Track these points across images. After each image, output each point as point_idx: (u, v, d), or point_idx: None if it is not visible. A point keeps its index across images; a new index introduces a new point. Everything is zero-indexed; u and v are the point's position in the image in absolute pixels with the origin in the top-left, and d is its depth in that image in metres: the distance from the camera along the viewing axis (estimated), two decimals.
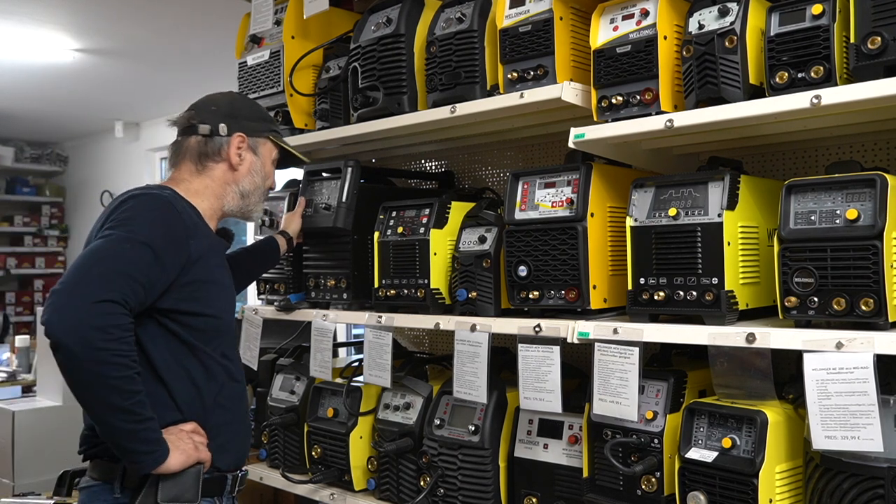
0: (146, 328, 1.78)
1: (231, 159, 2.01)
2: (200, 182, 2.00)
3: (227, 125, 2.02)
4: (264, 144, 2.09)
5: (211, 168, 2.01)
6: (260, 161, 2.07)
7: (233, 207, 2.05)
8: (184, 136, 2.03)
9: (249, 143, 2.04)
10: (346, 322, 2.45)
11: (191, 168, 2.01)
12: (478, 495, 2.03)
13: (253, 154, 2.06)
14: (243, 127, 2.04)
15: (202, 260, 1.85)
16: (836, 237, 1.48)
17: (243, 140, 2.03)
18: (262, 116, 2.12)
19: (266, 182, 2.11)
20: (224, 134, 2.01)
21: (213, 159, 2.01)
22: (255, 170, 2.06)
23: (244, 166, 2.04)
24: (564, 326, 1.82)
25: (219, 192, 2.02)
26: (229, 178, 2.03)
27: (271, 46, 2.53)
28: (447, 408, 2.14)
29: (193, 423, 1.81)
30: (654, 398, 1.78)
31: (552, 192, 1.90)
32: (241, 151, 2.03)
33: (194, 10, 4.28)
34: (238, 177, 2.04)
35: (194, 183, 2.00)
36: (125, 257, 1.70)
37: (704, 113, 1.66)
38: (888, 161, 1.95)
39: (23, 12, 4.23)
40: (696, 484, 1.62)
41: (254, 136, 2.06)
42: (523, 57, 1.94)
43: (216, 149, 2.00)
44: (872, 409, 1.39)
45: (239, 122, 2.04)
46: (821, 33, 1.54)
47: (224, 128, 2.01)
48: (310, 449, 2.41)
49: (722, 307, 1.62)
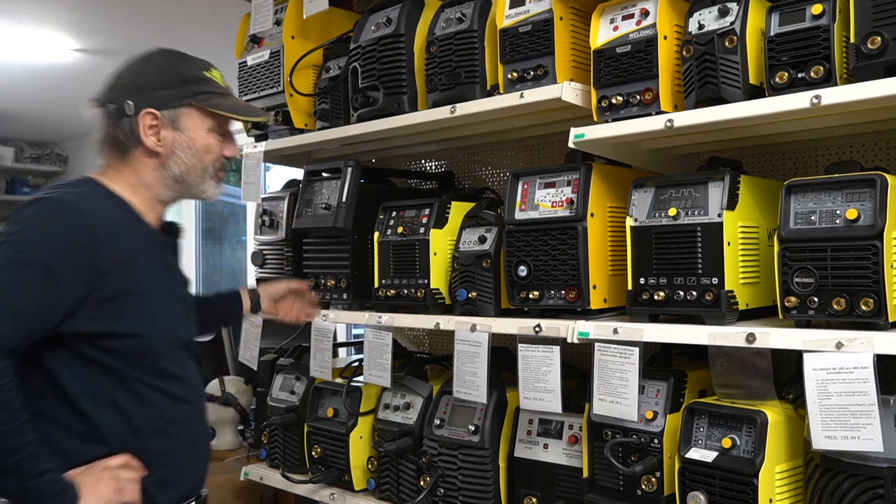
0: (58, 356, 1.55)
1: (144, 142, 1.66)
2: (126, 172, 1.69)
3: (133, 101, 1.65)
4: (188, 115, 1.70)
5: (131, 155, 1.68)
6: (185, 136, 1.70)
7: (170, 195, 1.74)
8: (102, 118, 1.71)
9: (165, 118, 1.67)
10: (346, 322, 2.45)
11: (115, 156, 1.70)
12: (478, 495, 2.03)
13: (173, 130, 1.68)
14: (153, 99, 1.66)
15: (123, 268, 1.58)
16: (836, 237, 1.48)
17: (155, 116, 1.66)
18: (181, 78, 1.71)
19: (206, 157, 1.74)
20: (132, 113, 1.65)
21: (130, 144, 1.67)
22: (180, 148, 1.70)
23: (166, 147, 1.68)
24: (564, 326, 1.82)
25: (149, 181, 1.70)
26: (153, 164, 1.69)
27: (271, 46, 2.53)
28: (447, 408, 2.14)
29: (125, 456, 1.57)
30: (654, 398, 1.78)
31: (552, 192, 1.90)
32: (158, 130, 1.67)
33: (194, 10, 4.27)
34: (163, 161, 1.69)
35: (123, 173, 1.69)
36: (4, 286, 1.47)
37: (704, 113, 1.66)
38: (888, 161, 1.95)
39: (23, 12, 4.23)
40: (696, 484, 1.62)
41: (169, 107, 1.68)
42: (523, 57, 1.94)
43: (128, 132, 1.66)
44: (872, 409, 1.39)
45: (147, 94, 1.66)
46: (821, 33, 1.54)
47: (131, 105, 1.65)
48: (310, 449, 2.41)
49: (722, 307, 1.62)
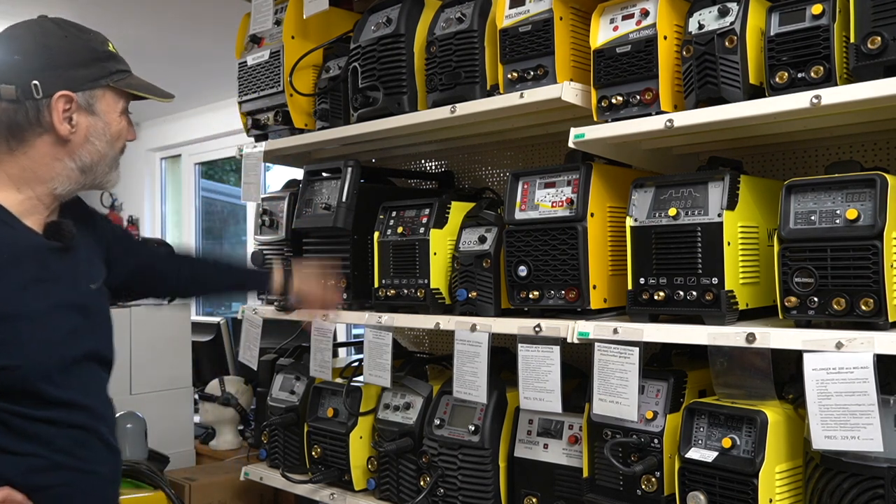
0: None
1: (57, 129, 1.49)
2: (16, 165, 1.50)
3: (41, 82, 1.47)
4: (103, 97, 1.55)
5: (30, 144, 1.50)
6: (101, 121, 1.55)
7: (71, 188, 1.55)
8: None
9: (80, 102, 1.51)
10: (346, 322, 2.45)
11: (4, 146, 1.50)
12: (478, 495, 2.03)
13: (88, 114, 1.53)
14: (67, 80, 1.50)
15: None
16: (836, 237, 1.48)
17: (70, 99, 1.50)
18: (93, 56, 1.55)
19: (117, 144, 1.59)
20: (40, 95, 1.47)
21: (32, 131, 1.49)
22: (95, 134, 1.54)
23: (79, 134, 1.52)
24: (564, 326, 1.82)
25: (44, 175, 1.51)
26: (59, 153, 1.52)
27: (271, 46, 2.53)
28: (447, 408, 2.14)
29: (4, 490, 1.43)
30: (654, 398, 1.78)
31: (552, 192, 1.90)
32: (71, 114, 1.50)
33: (194, 10, 4.27)
34: (72, 149, 1.52)
35: (8, 167, 1.51)
36: None
37: (704, 113, 1.66)
38: (888, 161, 1.95)
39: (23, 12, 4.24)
40: (696, 484, 1.62)
41: (85, 89, 1.52)
42: (523, 57, 1.94)
43: (33, 117, 1.48)
44: (872, 409, 1.39)
45: (59, 73, 1.49)
46: (821, 33, 1.54)
47: (38, 86, 1.47)
48: (310, 449, 2.41)
49: (722, 307, 1.62)
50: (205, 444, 3.38)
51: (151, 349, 3.12)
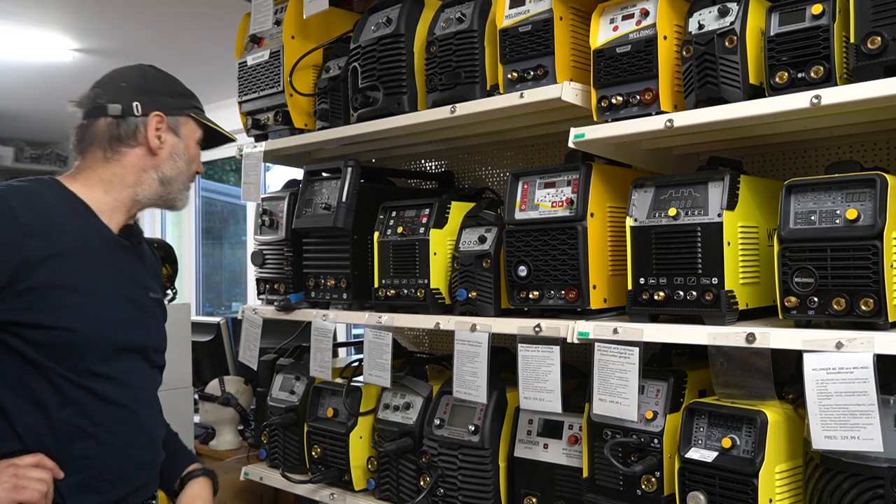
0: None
1: (150, 142, 1.78)
2: (108, 170, 1.77)
3: (141, 103, 1.78)
4: (186, 124, 1.86)
5: (124, 154, 1.77)
6: (183, 143, 1.85)
7: (150, 196, 1.82)
8: (90, 118, 1.79)
9: (169, 123, 1.82)
10: (346, 322, 2.44)
11: (98, 155, 1.77)
12: (478, 495, 2.03)
13: (174, 135, 1.83)
14: (161, 104, 1.81)
15: (53, 261, 1.60)
16: (835, 237, 1.48)
17: (162, 119, 1.80)
18: (180, 91, 1.88)
19: (191, 167, 1.88)
20: (139, 113, 1.77)
21: (128, 143, 1.77)
22: (177, 153, 1.83)
23: (165, 150, 1.81)
24: (564, 326, 1.82)
25: (131, 181, 1.78)
26: (147, 164, 1.79)
27: (271, 46, 2.53)
28: (447, 408, 2.14)
29: (38, 455, 1.56)
30: (653, 398, 1.78)
31: (552, 192, 1.90)
32: (161, 133, 1.80)
33: (194, 10, 4.27)
34: (158, 162, 1.81)
35: (101, 172, 1.76)
36: None
37: (704, 113, 1.66)
38: (888, 161, 1.95)
39: (22, 12, 4.23)
40: (696, 484, 1.62)
41: (174, 114, 1.83)
42: (523, 57, 1.94)
43: (130, 131, 1.77)
44: (872, 409, 1.39)
45: (155, 98, 1.80)
46: (820, 33, 1.54)
47: (138, 106, 1.77)
48: (310, 449, 2.41)
49: (722, 307, 1.62)
50: (205, 444, 3.38)
51: None
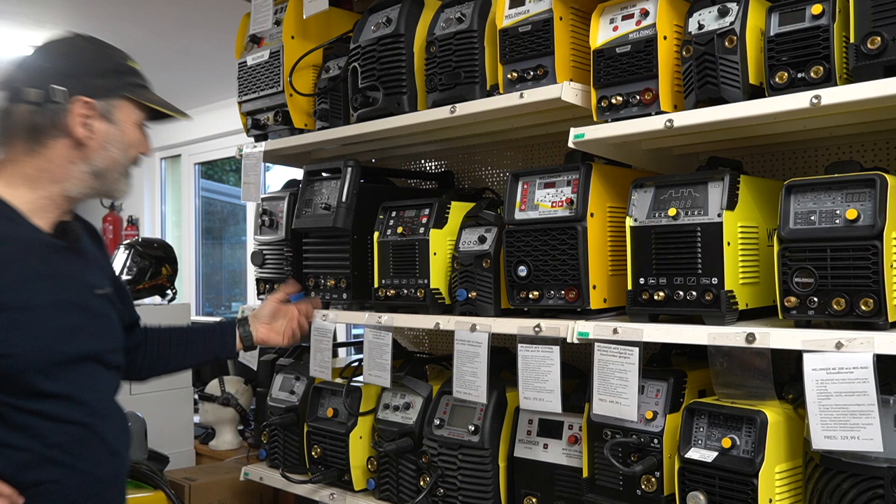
0: None
1: (74, 132, 1.55)
2: (32, 165, 1.55)
3: (63, 87, 1.53)
4: (121, 106, 1.61)
5: (48, 146, 1.55)
6: (118, 129, 1.60)
7: (81, 190, 1.60)
8: (11, 102, 1.55)
9: (99, 109, 1.57)
10: (346, 322, 2.45)
11: (20, 148, 1.55)
12: (477, 495, 2.03)
13: (106, 122, 1.59)
14: (88, 87, 1.56)
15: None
16: (835, 237, 1.48)
17: (90, 105, 1.56)
18: (113, 68, 1.62)
19: (129, 153, 1.65)
20: (61, 100, 1.53)
21: (50, 134, 1.54)
22: (110, 141, 1.59)
23: (95, 139, 1.57)
24: (564, 326, 1.82)
25: (58, 176, 1.56)
26: (74, 156, 1.57)
27: (271, 46, 2.53)
28: (447, 408, 2.14)
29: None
30: (653, 398, 1.78)
31: (552, 192, 1.90)
32: (89, 121, 1.56)
33: (194, 10, 4.27)
34: (88, 153, 1.57)
35: (24, 166, 1.55)
36: None
37: (704, 113, 1.66)
38: (888, 161, 1.95)
39: (23, 13, 4.23)
40: (696, 484, 1.62)
41: (104, 97, 1.58)
42: (523, 57, 1.94)
43: (51, 120, 1.54)
44: (872, 409, 1.39)
45: (81, 80, 1.56)
46: (820, 33, 1.54)
47: (60, 91, 1.53)
48: (309, 449, 2.41)
49: (721, 307, 1.62)
50: (204, 444, 3.39)
51: None
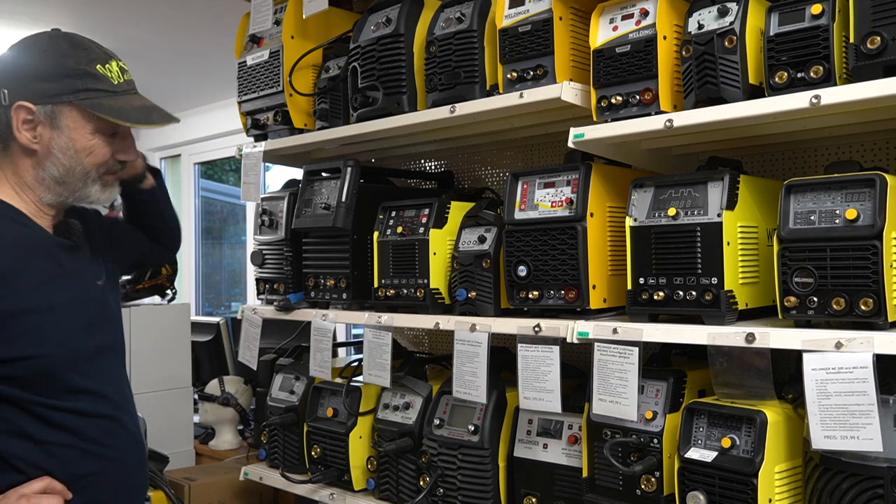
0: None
1: (18, 138, 1.50)
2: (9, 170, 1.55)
3: (8, 91, 1.48)
4: (68, 113, 1.53)
5: (10, 151, 1.53)
6: (65, 136, 1.52)
7: (53, 198, 1.57)
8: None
9: (40, 115, 1.50)
10: (346, 322, 2.45)
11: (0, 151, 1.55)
12: (477, 495, 2.03)
13: (51, 128, 1.51)
14: (30, 92, 1.49)
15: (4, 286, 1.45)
16: (835, 237, 1.48)
17: (30, 111, 1.50)
18: (63, 71, 1.52)
19: (88, 160, 1.56)
20: (5, 103, 1.49)
21: (9, 137, 1.51)
22: (58, 149, 1.52)
23: (42, 146, 1.52)
24: (564, 326, 1.82)
25: (30, 182, 1.54)
26: (31, 163, 1.53)
27: (271, 46, 2.53)
28: (447, 407, 2.14)
29: (45, 479, 1.47)
30: (653, 398, 1.78)
31: (552, 192, 1.90)
32: (34, 126, 1.50)
33: (194, 10, 4.28)
34: (40, 160, 1.53)
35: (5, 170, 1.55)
36: None
37: (704, 113, 1.66)
38: (888, 161, 1.95)
39: (23, 13, 4.23)
40: (696, 484, 1.62)
41: (44, 102, 1.50)
42: (523, 57, 1.94)
43: (4, 123, 1.50)
44: (872, 409, 1.39)
45: (25, 84, 1.49)
46: (820, 33, 1.54)
47: (5, 94, 1.48)
48: (309, 449, 2.41)
49: (721, 307, 1.62)
50: (204, 444, 3.38)
51: (151, 349, 3.12)
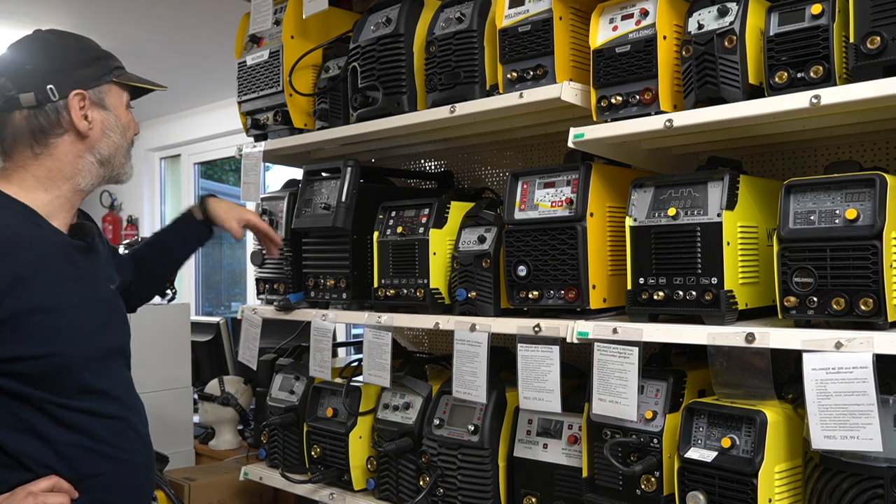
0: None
1: (77, 126, 1.60)
2: (42, 167, 1.60)
3: (55, 85, 1.58)
4: (110, 91, 1.67)
5: (53, 145, 1.60)
6: (112, 114, 1.66)
7: (92, 181, 1.66)
8: (3, 112, 1.59)
9: (92, 98, 1.63)
10: (346, 322, 2.45)
11: (26, 153, 1.60)
12: (477, 495, 2.03)
13: (101, 109, 1.64)
14: (78, 80, 1.61)
15: (17, 287, 1.48)
16: (835, 237, 1.48)
17: (84, 97, 1.61)
18: (94, 56, 1.67)
19: (127, 135, 1.71)
20: (56, 98, 1.58)
21: (54, 133, 1.59)
22: (109, 128, 1.66)
23: (96, 129, 1.63)
24: (564, 326, 1.82)
25: (69, 172, 1.62)
26: (81, 149, 1.62)
27: (270, 46, 2.53)
28: (447, 407, 2.14)
29: (52, 478, 1.50)
30: (653, 398, 1.78)
31: (551, 192, 1.90)
32: (86, 112, 1.62)
33: (194, 10, 4.27)
34: (92, 143, 1.63)
35: (34, 170, 1.60)
36: None
37: (704, 113, 1.66)
38: (887, 161, 1.95)
39: (22, 12, 4.23)
40: (696, 484, 1.62)
41: (94, 86, 1.63)
42: (523, 57, 1.94)
43: (53, 119, 1.59)
44: (871, 409, 1.39)
45: (69, 74, 1.60)
46: (820, 33, 1.54)
47: (53, 90, 1.58)
48: (309, 449, 2.41)
49: (721, 307, 1.62)
50: (204, 444, 3.38)
51: (151, 349, 3.12)
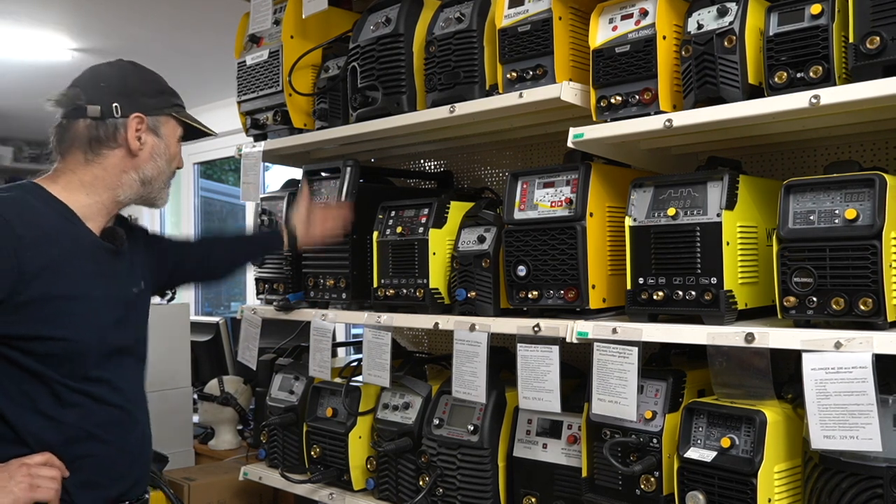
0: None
1: (130, 144, 1.78)
2: (89, 173, 1.77)
3: (120, 104, 1.76)
4: (166, 123, 1.85)
5: (105, 155, 1.77)
6: (163, 143, 1.84)
7: (130, 196, 1.82)
8: (69, 118, 1.77)
9: (149, 124, 1.81)
10: (345, 322, 2.45)
11: (79, 157, 1.76)
12: (477, 495, 2.03)
13: (154, 135, 1.82)
14: (141, 105, 1.80)
15: (47, 273, 1.63)
16: (834, 237, 1.48)
17: (142, 121, 1.79)
18: (159, 90, 1.87)
19: (171, 165, 1.88)
20: (119, 115, 1.76)
21: (108, 145, 1.76)
22: (157, 153, 1.83)
23: (145, 151, 1.80)
24: (563, 326, 1.82)
25: (112, 183, 1.78)
26: (128, 165, 1.79)
27: (270, 46, 2.53)
28: (446, 407, 2.14)
29: (46, 454, 1.61)
30: (653, 398, 1.78)
31: (551, 192, 1.90)
32: (141, 134, 1.79)
33: (194, 10, 4.27)
34: (139, 162, 1.80)
35: (82, 174, 1.76)
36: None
37: (703, 113, 1.66)
38: (887, 161, 1.95)
39: (21, 12, 4.23)
40: (695, 483, 1.62)
41: (153, 114, 1.82)
42: (522, 57, 1.94)
43: (110, 133, 1.76)
44: (871, 409, 1.39)
45: (135, 99, 1.79)
46: (819, 33, 1.54)
47: (118, 108, 1.76)
48: (309, 449, 2.41)
49: (721, 307, 1.62)
50: (204, 444, 3.38)
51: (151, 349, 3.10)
